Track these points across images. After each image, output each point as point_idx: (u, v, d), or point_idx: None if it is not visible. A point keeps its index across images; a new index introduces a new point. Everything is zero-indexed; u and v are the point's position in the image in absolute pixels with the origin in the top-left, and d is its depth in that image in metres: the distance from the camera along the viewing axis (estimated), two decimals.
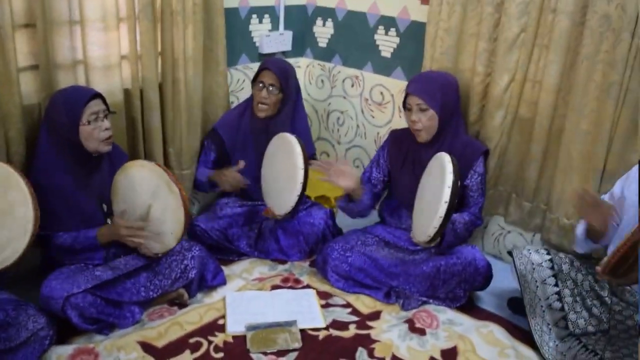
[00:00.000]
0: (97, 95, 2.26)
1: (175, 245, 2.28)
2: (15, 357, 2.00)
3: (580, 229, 2.22)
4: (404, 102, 2.54)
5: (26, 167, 2.30)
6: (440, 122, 2.48)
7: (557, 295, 2.21)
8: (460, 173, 2.43)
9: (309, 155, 2.66)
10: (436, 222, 2.19)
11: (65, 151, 2.25)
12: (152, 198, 2.26)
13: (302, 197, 2.58)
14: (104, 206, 2.32)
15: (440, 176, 2.22)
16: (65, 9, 2.33)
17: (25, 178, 2.02)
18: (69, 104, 2.19)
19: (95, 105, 2.23)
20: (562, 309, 2.20)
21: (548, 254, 2.29)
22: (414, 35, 2.95)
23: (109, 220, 2.26)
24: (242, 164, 2.75)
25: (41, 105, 2.36)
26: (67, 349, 2.12)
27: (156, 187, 2.24)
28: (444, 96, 2.48)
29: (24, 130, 2.31)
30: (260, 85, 2.77)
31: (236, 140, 2.88)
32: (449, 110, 2.50)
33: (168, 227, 2.26)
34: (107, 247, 2.32)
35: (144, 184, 2.26)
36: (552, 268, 2.25)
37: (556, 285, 2.23)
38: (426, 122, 2.48)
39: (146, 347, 2.17)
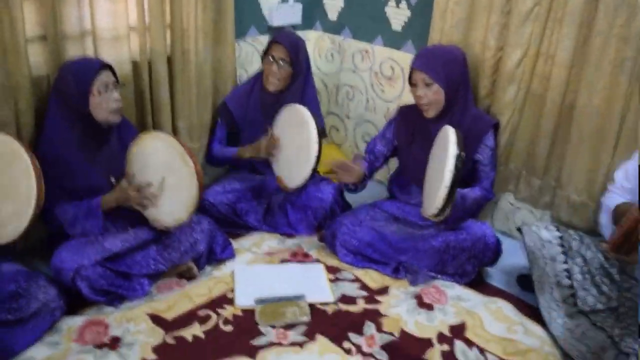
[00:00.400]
0: (107, 66, 2.24)
1: (187, 219, 2.27)
2: (26, 328, 2.02)
3: (604, 219, 2.21)
4: (409, 78, 2.51)
5: (35, 139, 2.30)
6: (447, 96, 2.45)
7: (566, 272, 2.21)
8: (471, 147, 2.41)
9: (320, 129, 2.64)
10: (442, 192, 2.17)
11: (74, 123, 2.24)
12: (166, 170, 2.25)
13: (315, 171, 2.57)
14: (112, 179, 2.31)
15: (444, 149, 2.21)
16: None
17: (29, 150, 2.02)
18: (78, 74, 2.18)
19: (105, 76, 2.22)
20: (571, 286, 2.19)
21: (558, 230, 2.28)
22: (425, 8, 2.91)
23: (149, 184, 2.26)
24: (270, 133, 2.73)
25: (50, 77, 2.35)
26: (77, 320, 2.14)
27: (170, 159, 2.23)
28: (449, 70, 2.45)
29: (33, 101, 2.30)
30: (271, 59, 2.74)
31: (246, 114, 2.87)
32: (455, 84, 2.47)
33: (181, 200, 2.25)
34: (109, 214, 2.30)
35: (158, 155, 2.25)
36: (561, 245, 2.24)
37: (565, 262, 2.22)
38: (432, 96, 2.45)
39: (155, 319, 2.19)
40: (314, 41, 3.53)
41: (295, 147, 2.62)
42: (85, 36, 2.42)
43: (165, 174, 2.25)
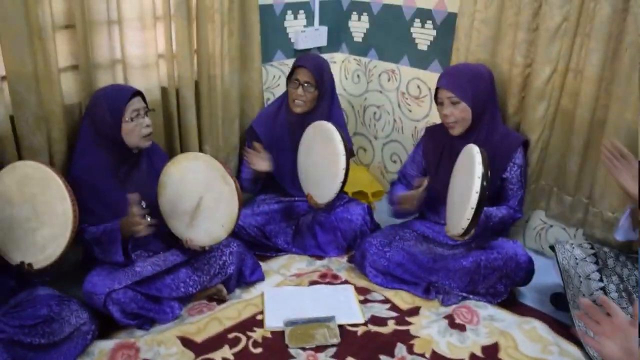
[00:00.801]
0: (138, 93, 2.29)
1: (225, 237, 2.29)
2: (59, 352, 2.04)
3: (624, 217, 2.15)
4: (436, 97, 2.51)
5: (67, 166, 2.35)
6: (473, 114, 2.44)
7: (602, 291, 2.16)
8: (499, 165, 2.38)
9: (346, 146, 2.64)
10: (468, 213, 2.15)
11: (106, 149, 2.28)
12: (204, 190, 2.27)
13: (344, 184, 2.55)
14: (143, 203, 2.34)
15: (470, 168, 2.19)
16: (103, 9, 2.36)
17: (60, 174, 2.06)
18: (111, 101, 2.23)
19: (137, 103, 2.26)
20: None
21: (592, 248, 2.23)
22: (450, 27, 2.90)
23: (148, 218, 2.28)
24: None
25: (82, 105, 2.41)
26: (109, 344, 2.16)
27: (210, 179, 2.25)
28: (475, 88, 2.44)
29: (65, 129, 2.35)
30: (296, 82, 2.77)
31: (273, 136, 2.89)
32: (481, 101, 2.46)
33: (219, 219, 2.27)
34: (129, 240, 2.31)
35: (198, 175, 2.27)
36: (596, 263, 2.19)
37: (601, 280, 2.17)
38: (458, 114, 2.44)
39: (186, 342, 2.20)
40: (340, 63, 3.55)
41: (323, 163, 2.62)
42: (116, 64, 2.48)
43: (203, 193, 2.27)
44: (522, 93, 2.66)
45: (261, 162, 2.74)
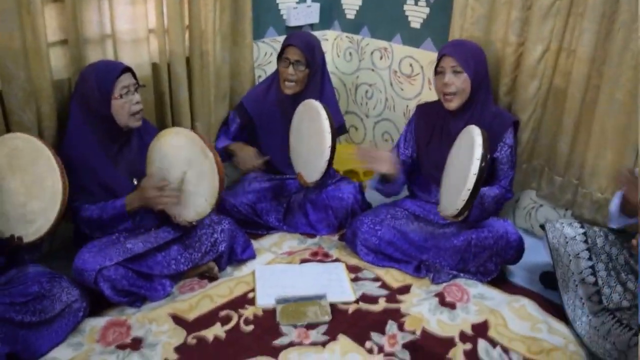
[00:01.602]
0: (128, 69, 2.26)
1: (210, 211, 2.28)
2: (50, 329, 2.04)
3: (614, 203, 2.17)
4: (436, 67, 2.49)
5: (57, 142, 2.33)
6: (472, 88, 2.43)
7: (590, 269, 2.18)
8: (491, 145, 2.38)
9: (339, 125, 2.63)
10: (464, 195, 2.15)
11: (96, 126, 2.26)
12: (187, 165, 2.26)
13: (332, 162, 2.54)
14: (134, 180, 2.32)
15: (469, 149, 2.18)
16: None
17: (52, 149, 2.04)
18: (100, 77, 2.20)
19: (126, 79, 2.23)
20: (596, 283, 2.16)
21: (582, 227, 2.25)
22: (444, 5, 2.89)
23: (168, 183, 2.27)
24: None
25: (71, 80, 2.37)
26: (100, 321, 2.16)
27: (191, 153, 2.24)
28: (477, 62, 2.44)
29: (54, 105, 2.33)
30: (286, 61, 2.74)
31: (263, 115, 2.87)
32: (479, 77, 2.45)
33: (203, 193, 2.26)
34: (135, 214, 2.33)
35: (179, 150, 2.26)
36: (585, 242, 2.21)
37: (590, 259, 2.19)
38: (460, 85, 2.43)
39: (177, 319, 2.20)
40: (332, 40, 3.52)
41: (311, 141, 2.61)
42: (106, 40, 2.44)
43: (186, 168, 2.26)
44: (514, 72, 2.65)
45: (250, 161, 2.74)
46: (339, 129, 2.73)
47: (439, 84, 2.48)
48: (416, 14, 3.06)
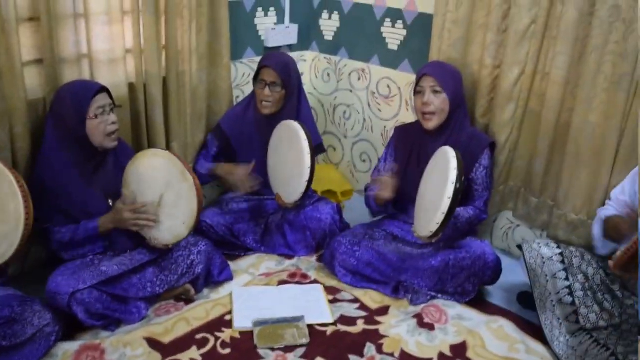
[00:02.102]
0: (104, 89, 2.24)
1: (187, 235, 2.26)
2: (21, 354, 1.99)
3: (596, 230, 2.19)
4: (416, 86, 2.51)
5: (31, 163, 2.29)
6: (450, 109, 2.46)
7: (567, 290, 2.19)
8: (466, 166, 2.40)
9: (317, 144, 2.63)
10: (438, 218, 2.16)
11: (71, 146, 2.23)
12: (165, 187, 2.23)
13: (311, 182, 2.54)
14: (110, 201, 2.30)
15: (444, 171, 2.20)
16: (69, 3, 2.30)
17: (14, 171, 1.99)
18: (75, 97, 2.18)
19: (102, 99, 2.21)
20: (573, 303, 2.17)
21: (558, 247, 2.26)
22: (421, 27, 2.92)
23: (145, 205, 2.24)
24: (252, 164, 2.73)
25: (46, 100, 2.34)
26: (73, 345, 2.11)
27: (169, 175, 2.22)
28: (456, 84, 2.48)
29: (29, 125, 2.29)
30: (262, 83, 2.74)
31: (241, 135, 2.86)
32: (457, 99, 2.48)
33: (180, 216, 2.23)
34: (108, 236, 2.29)
35: (157, 172, 2.23)
36: (562, 262, 2.22)
37: (567, 279, 2.20)
38: (439, 105, 2.45)
39: (153, 343, 2.16)
40: (310, 61, 3.54)
41: (290, 162, 2.61)
42: (82, 59, 2.42)
43: (164, 190, 2.23)
44: (490, 94, 2.68)
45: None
46: (316, 148, 2.73)
47: (418, 103, 2.50)
48: (394, 36, 3.09)
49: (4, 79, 2.16)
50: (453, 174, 2.15)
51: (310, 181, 2.54)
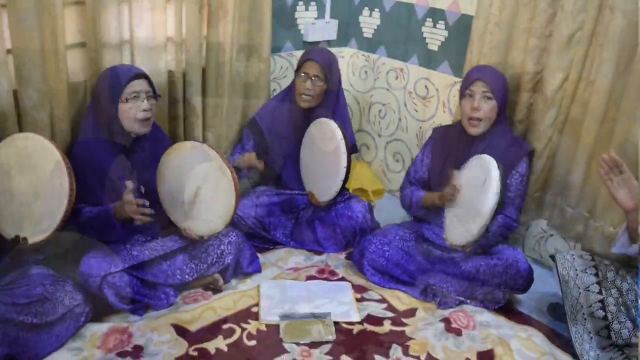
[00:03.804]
0: (142, 75, 2.25)
1: (222, 228, 2.27)
2: (50, 332, 2.02)
3: (621, 231, 2.14)
4: (465, 89, 2.47)
5: (70, 144, 2.32)
6: (495, 117, 2.43)
7: (600, 304, 2.14)
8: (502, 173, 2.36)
9: (351, 145, 2.61)
10: (476, 229, 2.13)
11: (106, 130, 2.25)
12: (202, 180, 2.24)
13: (346, 182, 2.53)
14: (142, 187, 2.30)
15: (483, 182, 2.16)
16: None
17: (62, 151, 2.04)
18: (113, 79, 2.20)
19: (138, 85, 2.22)
20: (605, 317, 2.13)
21: (592, 259, 2.22)
22: (463, 29, 2.88)
23: (146, 202, 2.23)
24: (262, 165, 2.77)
25: (87, 84, 2.38)
26: (101, 327, 2.14)
27: (208, 169, 2.22)
28: (505, 91, 2.45)
29: (69, 107, 2.32)
30: (304, 75, 2.73)
31: (275, 130, 2.86)
32: (504, 105, 2.45)
33: (217, 210, 2.24)
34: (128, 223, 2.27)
35: (195, 165, 2.24)
36: (596, 275, 2.18)
37: (600, 292, 2.16)
38: (487, 111, 2.42)
39: (179, 330, 2.18)
40: (348, 58, 3.52)
41: (325, 160, 2.60)
42: (124, 45, 2.44)
43: (201, 184, 2.24)
44: (530, 100, 2.64)
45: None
46: (350, 148, 2.71)
47: (466, 107, 2.45)
48: (434, 36, 3.06)
49: (47, 61, 2.20)
50: (495, 186, 2.12)
51: (345, 181, 2.53)
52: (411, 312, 2.40)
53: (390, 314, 2.38)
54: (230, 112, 2.88)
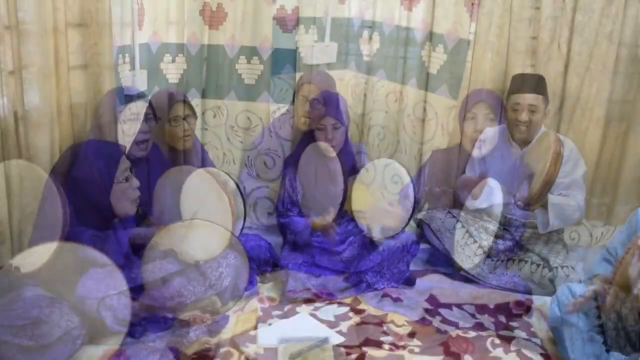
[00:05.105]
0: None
1: (219, 253, 2.30)
2: (47, 355, 1.98)
3: None
4: (467, 112, 2.49)
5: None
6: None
7: (599, 328, 2.14)
8: None
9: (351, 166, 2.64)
10: None
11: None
12: (199, 205, 2.26)
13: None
14: (140, 209, 2.31)
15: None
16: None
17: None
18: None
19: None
20: (605, 342, 2.11)
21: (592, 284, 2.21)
22: (462, 53, 2.90)
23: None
24: None
25: (87, 105, 2.38)
26: (97, 350, 2.12)
27: (205, 193, 2.25)
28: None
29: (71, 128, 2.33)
30: (302, 98, 2.76)
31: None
32: None
33: (214, 234, 2.26)
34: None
35: (192, 189, 2.27)
36: (595, 299, 2.17)
37: (599, 317, 2.15)
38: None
39: (176, 353, 2.16)
40: (347, 80, 3.53)
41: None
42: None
43: (198, 208, 2.25)
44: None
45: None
46: (350, 170, 2.73)
47: (469, 129, 2.51)
48: (434, 60, 3.08)
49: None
50: None
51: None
52: (410, 336, 2.38)
53: (389, 337, 2.36)
54: (230, 134, 2.91)
